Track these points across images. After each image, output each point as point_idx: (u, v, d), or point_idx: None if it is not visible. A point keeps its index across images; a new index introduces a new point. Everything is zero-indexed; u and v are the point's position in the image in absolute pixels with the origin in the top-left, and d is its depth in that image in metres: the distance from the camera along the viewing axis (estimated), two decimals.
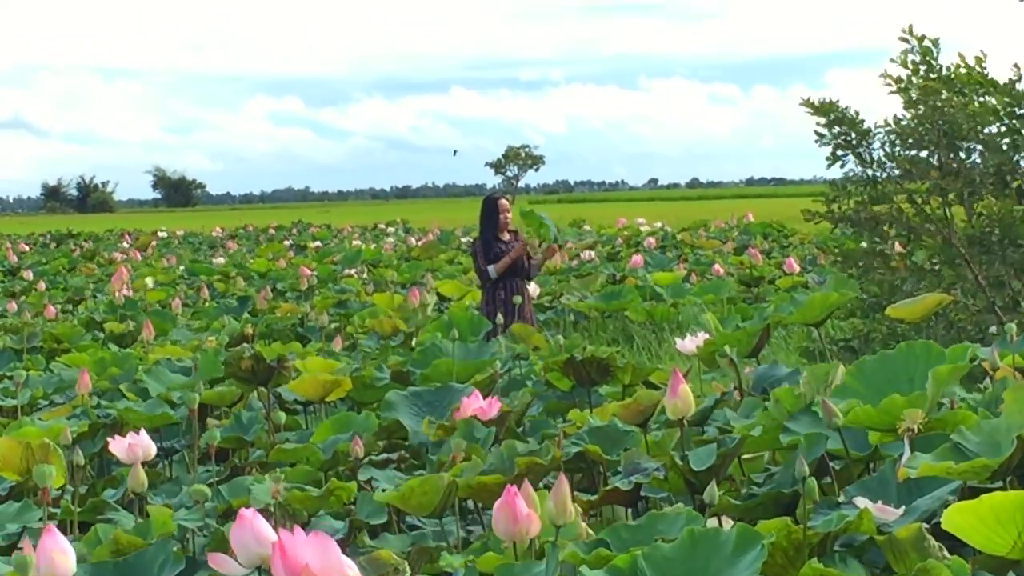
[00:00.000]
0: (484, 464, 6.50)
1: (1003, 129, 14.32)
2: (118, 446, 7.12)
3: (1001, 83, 14.15)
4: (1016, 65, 14.14)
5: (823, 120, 14.74)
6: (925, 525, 4.62)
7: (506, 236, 16.71)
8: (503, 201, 17.43)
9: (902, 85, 14.50)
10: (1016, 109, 14.24)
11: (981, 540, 4.24)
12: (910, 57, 14.43)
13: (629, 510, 6.62)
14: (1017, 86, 14.10)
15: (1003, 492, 4.30)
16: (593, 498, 6.37)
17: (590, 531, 5.42)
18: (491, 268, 16.67)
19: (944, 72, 14.35)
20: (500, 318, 13.59)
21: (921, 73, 14.43)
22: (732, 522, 5.28)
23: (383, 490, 6.68)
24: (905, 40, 14.45)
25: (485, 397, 8.37)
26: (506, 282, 16.52)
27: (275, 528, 4.85)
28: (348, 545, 5.78)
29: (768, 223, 38.99)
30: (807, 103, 14.82)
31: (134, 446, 7.05)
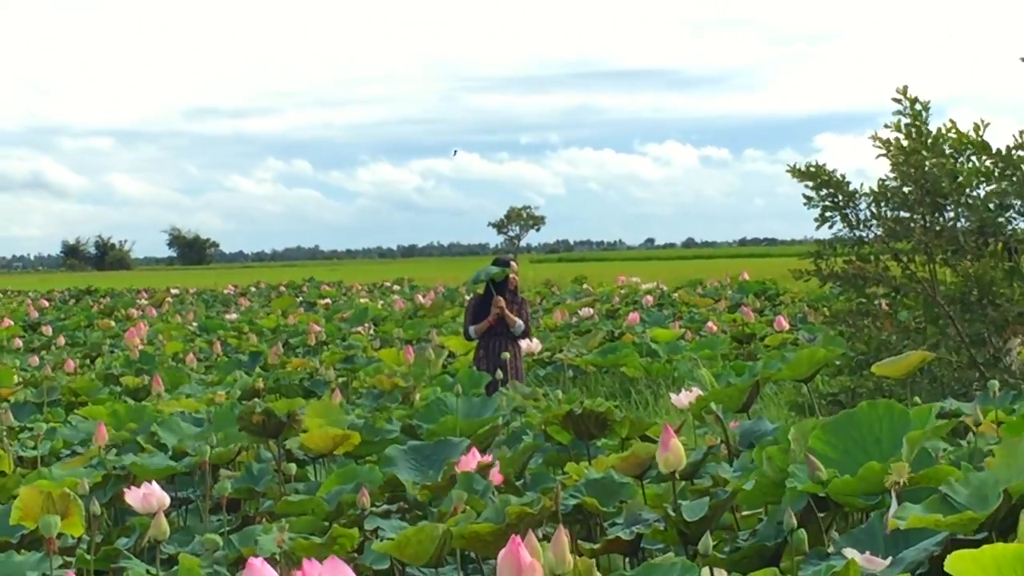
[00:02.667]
0: (478, 515, 6.51)
1: (991, 190, 14.34)
2: (134, 496, 7.13)
3: (994, 147, 14.20)
4: (1021, 132, 14.17)
5: (811, 183, 14.79)
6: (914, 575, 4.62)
7: (500, 301, 16.78)
8: (513, 263, 17.53)
9: (891, 148, 14.55)
10: (1009, 172, 14.26)
11: None
12: (902, 120, 14.49)
13: (627, 559, 6.61)
14: (1014, 152, 14.13)
15: (1004, 544, 4.29)
16: (595, 547, 6.37)
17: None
18: (472, 329, 16.90)
19: (933, 135, 14.40)
20: (500, 373, 13.62)
21: (912, 136, 14.48)
22: (725, 572, 5.27)
23: (384, 539, 6.68)
24: (898, 101, 14.50)
25: (485, 450, 8.38)
26: (493, 340, 16.62)
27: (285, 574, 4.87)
28: None
29: (761, 281, 39.02)
30: (793, 170, 14.89)
31: (149, 496, 7.06)
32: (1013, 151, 14.19)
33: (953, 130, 14.45)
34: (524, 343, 17.29)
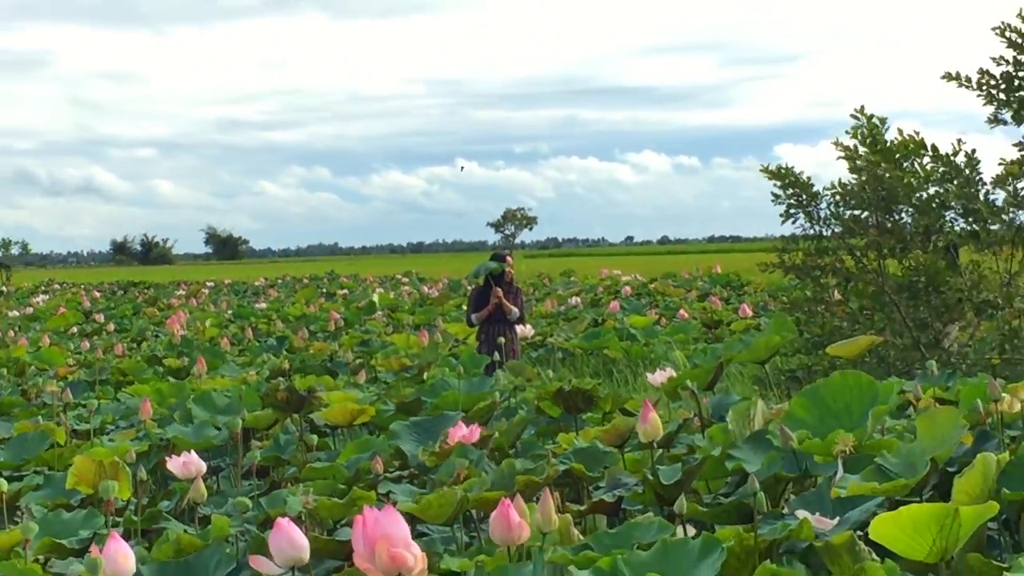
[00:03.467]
0: (488, 482, 6.53)
1: (934, 192, 14.39)
2: (175, 464, 7.13)
3: (941, 151, 14.26)
4: (959, 140, 14.25)
5: (779, 183, 14.83)
6: (857, 533, 4.62)
7: (498, 291, 16.88)
8: (509, 258, 17.63)
9: (850, 154, 14.61)
10: (950, 176, 14.31)
11: (902, 547, 4.24)
12: (861, 132, 14.55)
13: (610, 519, 6.61)
14: (954, 158, 14.19)
15: (919, 504, 4.29)
16: (581, 508, 6.38)
17: (580, 536, 5.43)
18: (473, 316, 17.05)
19: (887, 145, 14.45)
20: (497, 356, 13.65)
21: (867, 145, 14.54)
22: (693, 529, 5.27)
23: (395, 502, 6.68)
24: (856, 117, 14.56)
25: (486, 423, 8.39)
26: (492, 326, 16.73)
27: (305, 533, 4.86)
28: None
29: (727, 273, 39.05)
30: (765, 170, 14.94)
31: (188, 463, 7.07)
32: (952, 156, 14.26)
33: (903, 138, 14.50)
34: (519, 328, 17.33)
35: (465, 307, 20.09)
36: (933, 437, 5.21)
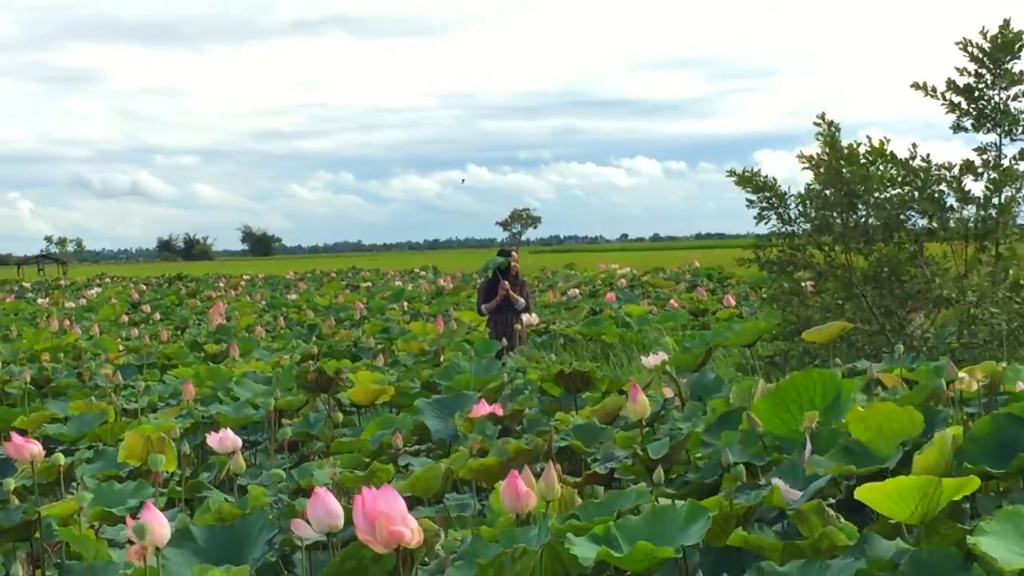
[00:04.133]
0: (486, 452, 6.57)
1: (895, 193, 14.41)
2: (214, 439, 7.15)
3: (900, 157, 14.29)
4: (914, 145, 14.30)
5: (749, 187, 14.84)
6: (825, 501, 4.64)
7: (505, 284, 16.97)
8: (514, 253, 17.72)
9: (814, 161, 14.61)
10: (910, 179, 14.35)
11: (886, 509, 4.26)
12: (822, 137, 14.57)
13: (604, 488, 6.62)
14: (911, 162, 14.24)
15: (904, 477, 4.30)
16: (579, 479, 6.39)
17: (579, 501, 5.45)
18: (483, 307, 17.11)
19: (847, 148, 14.47)
20: (505, 341, 13.67)
21: (829, 150, 14.55)
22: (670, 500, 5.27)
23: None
24: (818, 124, 14.57)
25: (493, 403, 8.40)
26: (501, 315, 16.81)
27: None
28: None
29: (712, 267, 39.07)
30: (732, 173, 14.94)
31: (225, 439, 7.08)
32: (910, 161, 14.30)
33: (866, 144, 14.52)
34: (525, 316, 17.40)
35: (476, 298, 20.13)
36: (896, 418, 5.19)
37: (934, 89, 14.27)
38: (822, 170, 14.61)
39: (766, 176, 14.91)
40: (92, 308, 35.00)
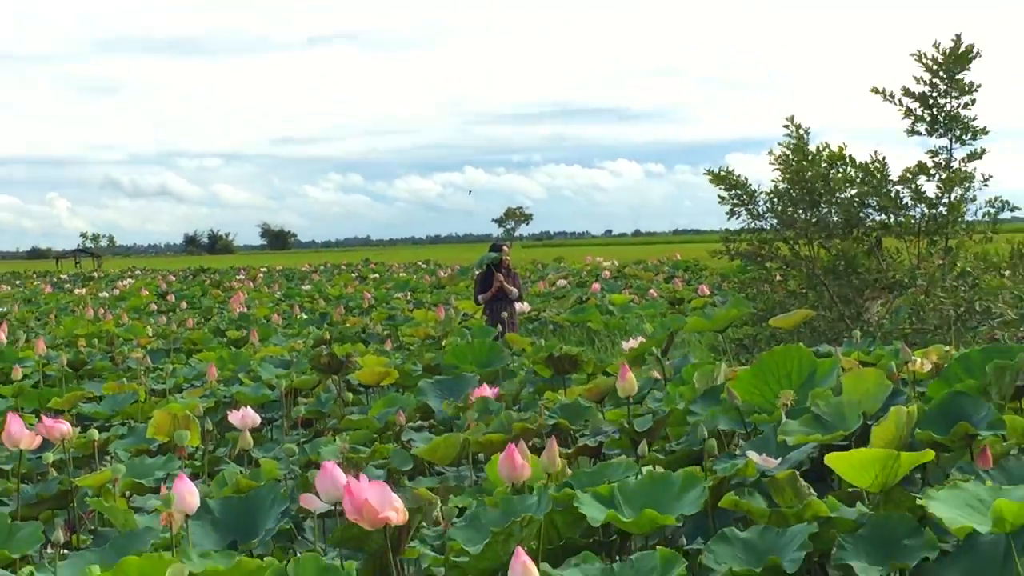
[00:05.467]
0: (488, 427, 6.55)
1: (854, 193, 14.51)
2: (235, 417, 7.12)
3: (859, 160, 14.42)
4: (875, 151, 14.41)
5: (722, 186, 14.92)
6: (797, 470, 4.62)
7: (502, 274, 17.00)
8: (505, 248, 17.76)
9: (781, 162, 14.68)
10: (868, 179, 14.44)
11: (851, 477, 4.27)
12: (790, 140, 14.65)
13: (592, 460, 6.61)
14: (870, 165, 14.34)
15: (867, 448, 4.31)
16: (569, 452, 6.38)
17: (569, 472, 5.45)
18: (480, 297, 17.11)
19: (812, 152, 14.55)
20: (500, 328, 13.67)
21: (796, 152, 14.63)
22: (661, 468, 5.25)
23: (415, 448, 6.69)
24: (787, 126, 14.63)
25: (492, 384, 8.40)
26: (496, 304, 16.80)
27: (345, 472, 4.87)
28: (395, 485, 5.75)
29: (688, 260, 39.11)
30: (708, 172, 15.05)
31: (245, 416, 7.06)
32: (869, 164, 14.38)
33: (827, 148, 14.60)
34: (518, 305, 17.43)
35: (472, 288, 20.15)
36: (860, 393, 5.20)
37: (892, 95, 14.35)
38: (788, 169, 14.69)
39: (738, 175, 14.98)
40: (124, 298, 34.97)
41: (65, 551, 5.08)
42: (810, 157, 14.57)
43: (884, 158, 14.46)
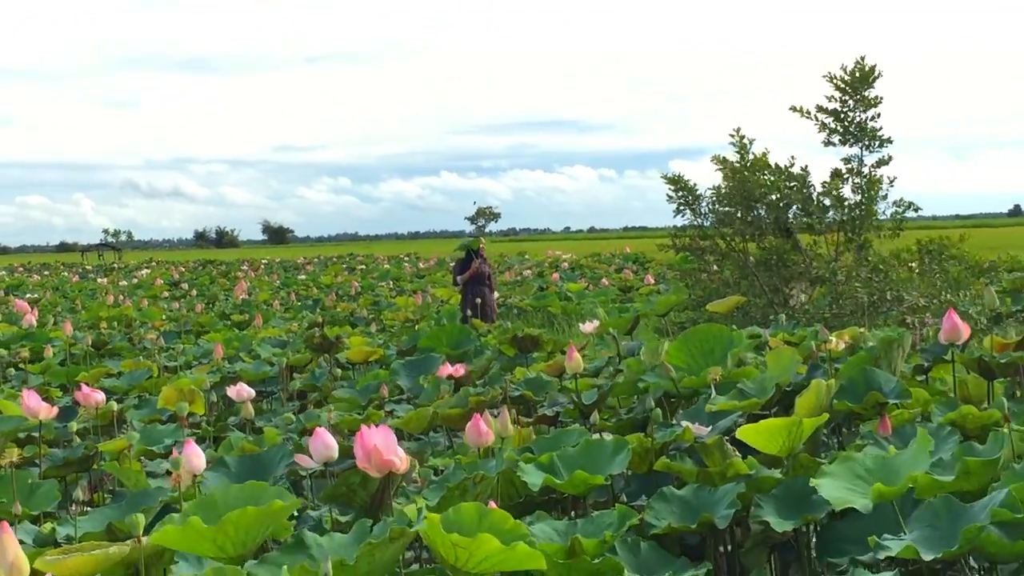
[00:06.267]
0: (452, 401, 6.57)
1: (782, 195, 14.69)
2: (232, 391, 7.08)
3: (783, 167, 14.67)
4: (792, 157, 14.63)
5: (672, 187, 15.09)
6: (724, 437, 4.65)
7: (477, 261, 16.97)
8: (482, 239, 17.84)
9: (724, 167, 14.86)
10: (787, 183, 14.63)
11: (761, 445, 4.28)
12: (734, 149, 14.85)
13: (550, 427, 6.63)
14: (791, 170, 14.55)
15: (775, 418, 4.33)
16: (531, 420, 6.40)
17: (531, 436, 5.46)
18: (458, 278, 17.03)
19: (752, 160, 14.75)
20: (470, 311, 13.67)
21: (738, 160, 14.82)
22: (610, 435, 5.27)
23: (395, 419, 6.69)
24: (732, 136, 14.82)
25: (463, 363, 8.39)
26: (474, 289, 16.73)
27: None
28: None
29: (636, 253, 39.17)
30: (664, 176, 15.22)
31: (240, 391, 7.02)
32: (789, 169, 14.63)
33: (759, 157, 14.78)
34: (496, 293, 17.50)
35: (448, 278, 20.15)
36: (779, 368, 5.24)
37: (808, 111, 14.62)
38: (729, 176, 14.87)
39: (687, 180, 15.18)
40: (141, 286, 34.81)
41: (87, 508, 5.08)
42: (750, 164, 14.74)
43: (806, 166, 14.74)
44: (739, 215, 14.99)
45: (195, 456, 4.34)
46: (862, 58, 14.49)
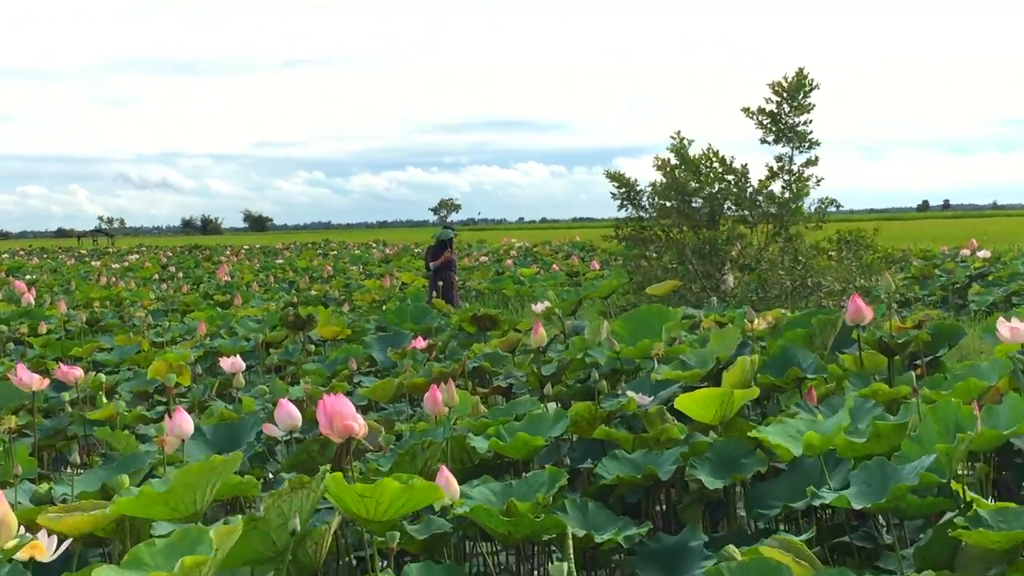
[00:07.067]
0: (417, 372, 6.54)
1: (717, 189, 14.85)
2: (226, 363, 7.01)
3: (726, 160, 14.84)
4: (732, 156, 14.82)
5: (615, 183, 15.21)
6: (664, 406, 4.65)
7: (448, 251, 17.01)
8: (454, 231, 17.91)
9: (662, 164, 15.00)
10: (726, 177, 14.80)
11: (696, 414, 4.30)
12: (674, 147, 14.95)
13: (504, 398, 6.62)
14: (731, 164, 14.68)
15: (708, 389, 4.35)
16: (487, 390, 6.38)
17: (484, 409, 5.43)
18: (431, 264, 16.98)
19: (691, 156, 14.92)
20: (435, 293, 13.64)
21: (676, 157, 14.97)
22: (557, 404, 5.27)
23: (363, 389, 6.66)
24: (673, 138, 14.94)
25: (427, 337, 8.36)
26: (442, 273, 16.73)
27: (302, 410, 4.87)
28: None
29: (583, 242, 39.24)
30: (607, 173, 15.35)
31: (234, 364, 6.96)
32: (729, 164, 14.76)
33: (703, 152, 14.93)
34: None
35: (416, 264, 20.12)
36: (721, 344, 5.26)
37: (754, 113, 14.83)
38: (667, 171, 15.00)
39: (628, 176, 15.35)
40: (131, 269, 34.48)
41: (80, 471, 5.02)
42: (688, 162, 14.88)
43: (745, 165, 14.89)
44: (676, 207, 15.10)
45: (184, 423, 4.32)
46: (801, 69, 14.70)
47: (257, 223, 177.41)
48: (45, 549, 2.92)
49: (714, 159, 14.83)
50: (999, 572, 2.93)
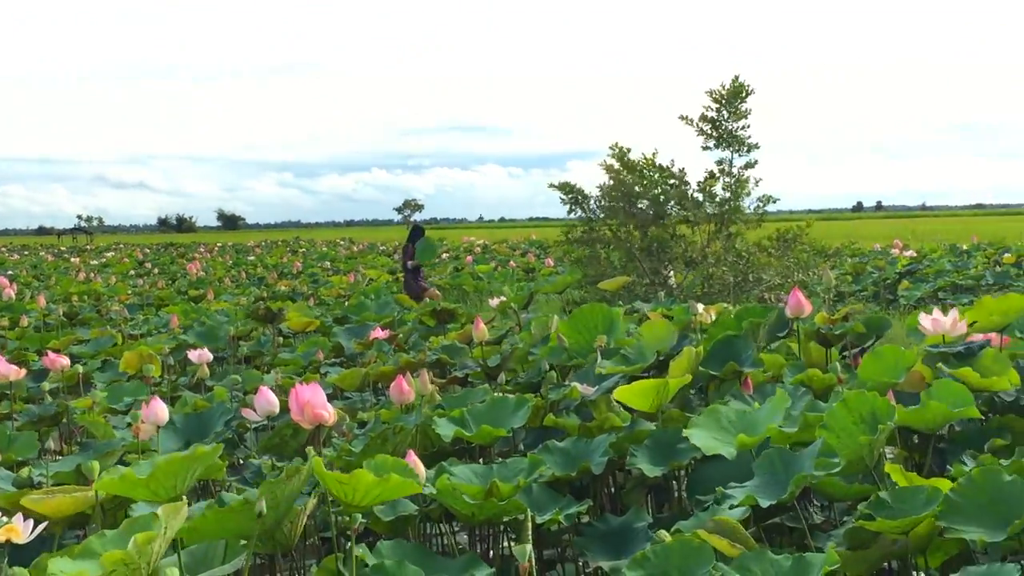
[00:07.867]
0: (384, 363, 6.52)
1: (661, 191, 14.96)
2: (194, 355, 6.99)
3: (665, 167, 14.97)
4: (672, 161, 14.99)
5: (563, 192, 15.39)
6: (609, 395, 4.68)
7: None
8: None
9: (610, 169, 15.10)
10: (667, 181, 14.89)
11: (635, 403, 4.31)
12: (615, 153, 15.04)
13: (462, 388, 6.62)
14: (671, 169, 14.84)
15: (646, 380, 4.37)
16: (444, 380, 6.38)
17: (439, 397, 5.43)
18: (408, 263, 16.90)
19: (632, 161, 15.03)
20: (406, 291, 13.59)
21: (618, 162, 15.03)
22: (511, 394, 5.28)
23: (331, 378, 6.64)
24: (612, 148, 15.04)
25: (388, 329, 8.35)
26: (417, 271, 16.69)
27: (277, 396, 4.86)
28: None
29: (539, 240, 39.29)
30: (553, 184, 15.61)
31: (201, 355, 6.93)
32: (670, 169, 14.89)
33: (645, 158, 15.01)
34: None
35: (381, 261, 19.96)
36: (653, 337, 5.27)
37: (692, 120, 14.88)
38: (612, 175, 15.08)
39: (574, 184, 15.46)
40: (109, 265, 34.16)
41: (59, 456, 4.99)
42: (629, 164, 14.96)
43: (683, 169, 15.06)
44: (623, 207, 15.19)
45: (160, 411, 4.30)
46: (737, 77, 14.79)
47: (230, 222, 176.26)
48: (20, 532, 2.90)
49: (651, 166, 14.94)
50: (903, 544, 3.01)
